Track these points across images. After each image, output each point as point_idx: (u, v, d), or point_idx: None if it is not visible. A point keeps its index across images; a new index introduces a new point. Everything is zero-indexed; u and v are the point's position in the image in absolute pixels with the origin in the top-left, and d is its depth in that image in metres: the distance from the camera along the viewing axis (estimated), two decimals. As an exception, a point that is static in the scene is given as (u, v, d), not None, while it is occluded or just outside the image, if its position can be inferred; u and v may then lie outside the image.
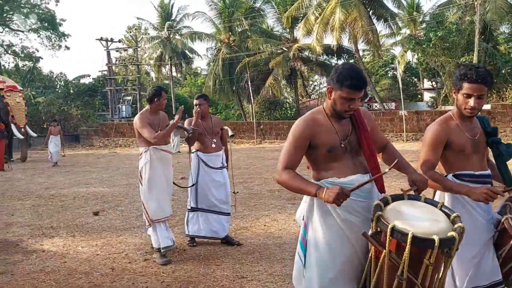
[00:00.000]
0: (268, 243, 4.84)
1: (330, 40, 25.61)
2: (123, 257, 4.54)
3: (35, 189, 9.46)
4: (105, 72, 34.28)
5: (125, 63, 36.51)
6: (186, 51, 33.00)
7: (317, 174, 2.29)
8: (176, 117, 4.39)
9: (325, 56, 28.44)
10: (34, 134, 19.75)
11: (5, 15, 31.78)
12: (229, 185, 4.94)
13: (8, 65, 34.29)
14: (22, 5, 32.62)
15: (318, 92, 40.35)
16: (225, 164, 4.94)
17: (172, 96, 29.52)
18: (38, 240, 5.33)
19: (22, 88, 20.47)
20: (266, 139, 23.45)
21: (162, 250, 4.31)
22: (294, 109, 27.91)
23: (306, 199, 2.32)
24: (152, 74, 42.32)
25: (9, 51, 34.69)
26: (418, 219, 2.04)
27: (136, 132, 4.43)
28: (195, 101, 4.88)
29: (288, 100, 32.79)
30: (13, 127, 16.71)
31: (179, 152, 19.22)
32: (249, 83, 25.50)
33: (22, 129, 17.18)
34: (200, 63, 53.49)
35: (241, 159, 14.63)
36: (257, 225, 5.69)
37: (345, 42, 26.15)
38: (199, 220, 4.77)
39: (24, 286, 3.80)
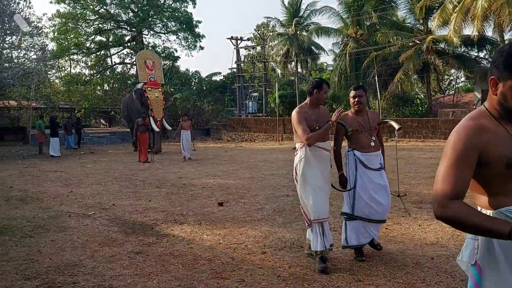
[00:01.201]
0: (389, 248, 4.58)
1: (470, 30, 23.31)
2: (243, 248, 4.70)
3: (170, 178, 10.36)
4: (234, 70, 36.11)
5: (252, 61, 37.95)
6: (312, 47, 33.03)
7: (492, 200, 1.67)
8: (335, 116, 4.04)
9: (463, 48, 25.97)
10: (169, 127, 21.37)
11: (150, 19, 35.34)
12: (389, 188, 4.37)
13: (153, 65, 38.06)
14: (164, 9, 35.94)
15: (454, 87, 37.09)
16: (383, 164, 4.38)
17: (297, 92, 29.84)
18: (170, 225, 5.82)
19: (163, 83, 21.39)
20: (392, 137, 22.34)
21: (316, 254, 4.07)
22: (425, 106, 26.08)
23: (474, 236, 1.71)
24: (278, 71, 43.30)
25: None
26: None
27: (293, 126, 4.17)
28: (352, 93, 4.34)
29: (419, 96, 30.78)
30: (151, 120, 17.91)
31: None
32: (376, 78, 24.54)
33: (158, 122, 18.31)
34: (325, 59, 53.06)
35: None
36: (378, 227, 5.43)
37: (489, 32, 23.55)
38: (357, 229, 4.26)
39: (156, 267, 4.16)
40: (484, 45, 25.09)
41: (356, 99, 4.29)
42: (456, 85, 36.92)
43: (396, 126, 4.53)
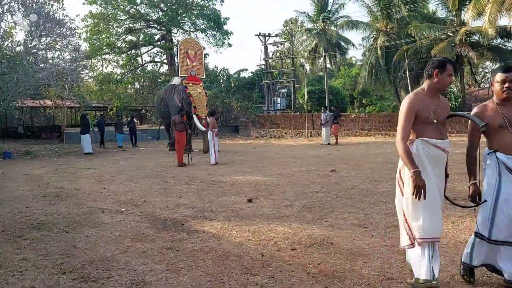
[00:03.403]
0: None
1: (505, 21, 22.51)
2: (273, 245, 4.70)
3: (199, 175, 10.47)
4: (263, 66, 36.11)
5: (281, 57, 37.85)
6: (341, 42, 32.67)
7: None
8: None
9: (499, 40, 25.11)
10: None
11: (179, 18, 35.74)
12: None
13: (181, 63, 38.55)
14: (193, 7, 36.28)
15: (489, 80, 35.89)
16: None
17: (326, 88, 29.58)
18: (200, 221, 5.88)
19: (202, 77, 19.69)
20: None
21: (421, 283, 3.23)
22: (459, 99, 25.42)
23: None
24: (307, 67, 43.05)
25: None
26: None
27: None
28: (501, 76, 3.30)
29: (452, 90, 29.96)
30: (195, 118, 16.68)
31: (329, 144, 19.20)
32: (408, 72, 24.05)
33: (204, 121, 16.38)
34: (354, 53, 52.37)
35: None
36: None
37: (526, 22, 22.66)
38: (487, 250, 3.37)
39: (187, 262, 4.21)
40: (521, 36, 24.19)
41: (505, 85, 3.28)
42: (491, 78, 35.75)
43: None
